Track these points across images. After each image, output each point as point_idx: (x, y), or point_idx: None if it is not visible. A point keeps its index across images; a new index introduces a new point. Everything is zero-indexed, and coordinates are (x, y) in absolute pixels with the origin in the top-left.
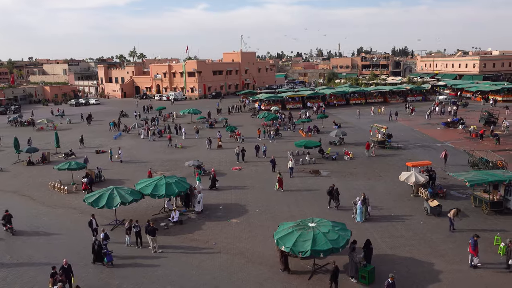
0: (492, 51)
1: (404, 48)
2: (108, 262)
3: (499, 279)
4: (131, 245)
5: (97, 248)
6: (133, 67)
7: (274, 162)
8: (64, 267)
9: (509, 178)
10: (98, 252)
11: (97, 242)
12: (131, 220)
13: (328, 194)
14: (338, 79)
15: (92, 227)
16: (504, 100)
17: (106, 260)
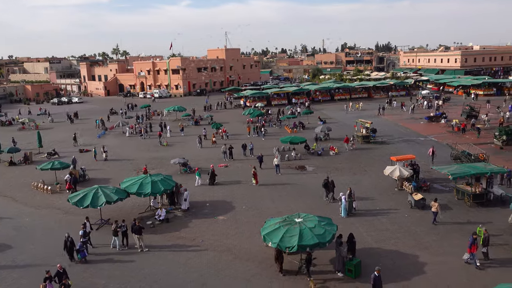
0: (473, 46)
1: (387, 44)
2: (82, 259)
3: (481, 270)
4: (119, 249)
5: (69, 244)
6: (117, 64)
7: (262, 159)
8: (59, 271)
9: (491, 171)
10: (70, 249)
11: (69, 239)
12: (116, 221)
13: (324, 186)
14: (323, 75)
15: (86, 230)
16: (485, 94)
17: (80, 256)
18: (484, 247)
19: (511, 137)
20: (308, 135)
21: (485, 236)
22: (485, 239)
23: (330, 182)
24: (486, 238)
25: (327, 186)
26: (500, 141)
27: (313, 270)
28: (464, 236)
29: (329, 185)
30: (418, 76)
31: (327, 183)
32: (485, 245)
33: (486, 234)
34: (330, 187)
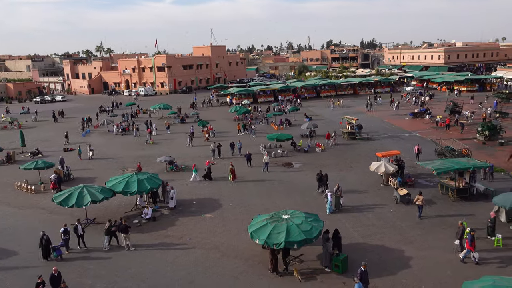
0: (456, 43)
1: (372, 41)
2: (57, 257)
3: (465, 263)
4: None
5: (44, 242)
6: (101, 62)
7: (250, 157)
8: (54, 275)
9: (474, 166)
10: (45, 247)
11: (44, 237)
12: (109, 220)
13: (318, 181)
14: (309, 72)
15: (78, 233)
16: (468, 90)
17: (55, 254)
18: (458, 239)
19: (493, 132)
20: (295, 132)
21: (460, 229)
22: (459, 232)
23: (324, 176)
24: (461, 232)
25: (321, 179)
26: (483, 136)
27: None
28: (448, 230)
29: (323, 178)
30: (403, 73)
31: (321, 177)
32: (459, 238)
33: (462, 228)
34: (324, 181)
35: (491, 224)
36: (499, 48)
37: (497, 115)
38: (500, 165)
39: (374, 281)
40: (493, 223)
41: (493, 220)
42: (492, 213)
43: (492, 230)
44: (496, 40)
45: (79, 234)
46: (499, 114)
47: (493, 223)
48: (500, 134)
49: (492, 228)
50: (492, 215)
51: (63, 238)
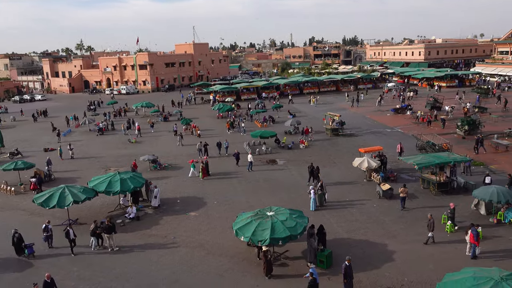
0: (436, 39)
1: (354, 38)
2: (29, 254)
3: (447, 255)
4: (95, 249)
5: (16, 240)
6: (81, 60)
7: (238, 157)
8: (47, 281)
9: (454, 160)
10: (17, 245)
11: (16, 235)
12: (95, 221)
13: (310, 173)
14: (292, 69)
15: (70, 237)
16: (448, 86)
17: (27, 252)
18: (430, 231)
19: (472, 127)
20: (278, 129)
21: (431, 222)
22: (430, 224)
23: (316, 169)
24: (432, 224)
25: (312, 172)
26: (462, 131)
27: (286, 263)
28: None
29: (314, 171)
30: (384, 69)
31: (312, 169)
32: (431, 230)
33: (432, 220)
34: (315, 173)
35: (451, 214)
36: (478, 44)
37: (476, 110)
38: (480, 159)
39: (359, 275)
40: (452, 213)
41: (453, 210)
42: (452, 204)
43: (452, 220)
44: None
45: (71, 239)
46: (478, 109)
47: (453, 213)
48: (479, 128)
49: (452, 218)
50: (452, 206)
51: (45, 235)
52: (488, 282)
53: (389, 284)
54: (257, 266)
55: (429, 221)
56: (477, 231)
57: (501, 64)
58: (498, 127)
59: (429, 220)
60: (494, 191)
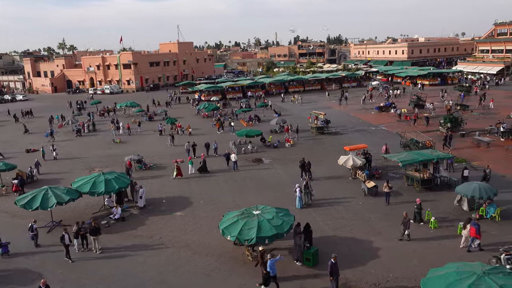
0: (419, 38)
1: (338, 36)
2: (3, 254)
3: (431, 251)
4: (79, 251)
5: None
6: (63, 60)
7: (228, 157)
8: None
9: (437, 157)
10: None
11: None
12: (77, 223)
13: (301, 167)
14: (277, 68)
15: (65, 241)
16: (431, 84)
17: (1, 251)
18: (406, 229)
19: (455, 124)
20: (264, 128)
21: (406, 220)
22: (406, 223)
23: (307, 163)
24: (407, 222)
25: (303, 166)
26: (445, 128)
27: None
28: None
29: (306, 166)
30: (368, 68)
31: (303, 164)
32: (407, 228)
33: (407, 218)
34: (306, 168)
35: (417, 210)
36: (459, 43)
37: (458, 108)
38: (462, 155)
39: (345, 272)
40: (419, 209)
41: (419, 206)
42: (418, 199)
43: (419, 216)
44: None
45: (66, 244)
46: (460, 106)
47: (419, 209)
48: (461, 126)
49: (419, 213)
50: (418, 201)
51: (31, 234)
52: (471, 277)
53: (374, 280)
54: (244, 264)
55: (404, 219)
56: (478, 224)
57: (482, 63)
58: (479, 124)
59: (404, 218)
60: (476, 187)
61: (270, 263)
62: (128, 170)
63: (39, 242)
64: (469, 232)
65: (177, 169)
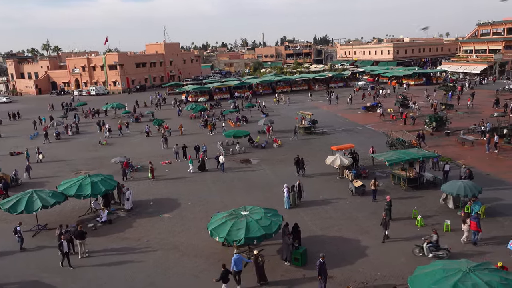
0: (404, 38)
1: (324, 37)
2: None
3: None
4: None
5: None
6: (48, 61)
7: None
8: None
9: (423, 156)
10: None
11: None
12: (60, 226)
13: (295, 164)
14: (264, 69)
15: (63, 250)
16: (416, 84)
17: None
18: (386, 230)
19: (440, 124)
20: (252, 128)
21: (386, 221)
22: (385, 223)
23: (300, 160)
24: (387, 222)
25: (298, 163)
26: (430, 127)
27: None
28: (400, 219)
29: (300, 162)
30: (355, 68)
31: (298, 160)
32: (386, 228)
33: (386, 219)
34: (300, 164)
35: (387, 207)
36: (444, 43)
37: (443, 107)
38: (447, 154)
39: (333, 271)
40: (389, 205)
41: (389, 203)
42: (388, 197)
43: (389, 213)
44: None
45: (64, 252)
46: (445, 106)
47: (389, 205)
48: (446, 125)
49: (389, 210)
50: (388, 199)
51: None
52: (457, 274)
53: (362, 279)
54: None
55: (383, 220)
56: (478, 218)
57: (466, 62)
58: (464, 123)
59: (383, 219)
60: (461, 185)
61: (235, 258)
62: (125, 171)
63: (24, 245)
64: (470, 226)
65: (151, 171)
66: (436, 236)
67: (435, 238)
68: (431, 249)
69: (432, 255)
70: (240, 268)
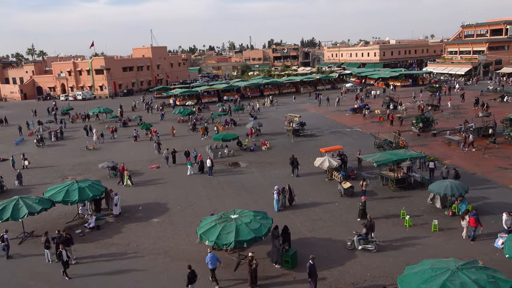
0: (390, 40)
1: (312, 39)
2: None
3: (406, 249)
4: (52, 261)
5: None
6: (33, 66)
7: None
8: None
9: (410, 156)
10: None
11: None
12: (46, 233)
13: (291, 164)
14: (252, 71)
15: (63, 258)
16: (402, 85)
17: None
18: (371, 232)
19: (426, 124)
20: (240, 131)
21: (371, 223)
22: (371, 226)
23: (295, 160)
24: (372, 225)
25: (293, 163)
26: (417, 128)
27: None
28: (389, 219)
29: (294, 162)
30: (342, 70)
31: (293, 161)
32: (372, 231)
33: (372, 222)
34: (295, 164)
35: (362, 207)
36: (429, 45)
37: (429, 108)
38: (434, 154)
39: (323, 273)
40: (364, 206)
41: (364, 203)
42: (363, 197)
43: (363, 213)
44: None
45: (64, 261)
46: (431, 107)
47: (364, 206)
48: (432, 125)
49: (363, 211)
50: (363, 199)
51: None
52: (445, 273)
53: (353, 280)
54: (223, 269)
55: (368, 222)
56: (477, 214)
57: (450, 64)
58: (450, 123)
59: (369, 221)
60: (448, 185)
61: (209, 257)
62: (122, 176)
63: (10, 253)
64: (469, 222)
65: (128, 178)
66: (365, 229)
67: (364, 231)
68: (360, 242)
69: (361, 247)
70: (214, 266)
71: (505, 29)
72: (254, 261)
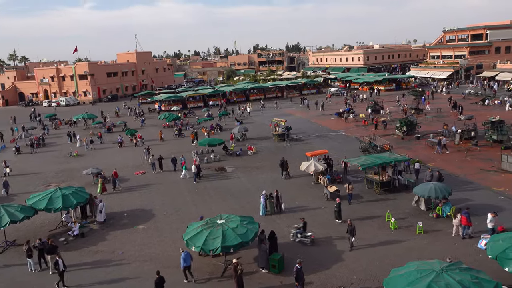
0: (374, 45)
1: (296, 44)
2: None
3: (391, 251)
4: (35, 270)
5: None
6: (15, 71)
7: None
8: None
9: (395, 159)
10: None
11: None
12: (28, 242)
13: (280, 166)
14: (237, 76)
15: (60, 269)
16: (386, 90)
17: None
18: (352, 236)
19: (410, 128)
20: (226, 136)
21: (352, 228)
22: (352, 230)
23: (285, 162)
24: (353, 229)
25: (283, 165)
26: (401, 131)
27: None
28: (374, 222)
29: (284, 164)
30: (327, 75)
31: (283, 163)
32: (353, 235)
33: (352, 226)
34: (284, 166)
35: (337, 209)
36: (412, 49)
37: (413, 112)
38: (418, 157)
39: (310, 277)
40: (338, 207)
41: (338, 205)
42: (338, 199)
43: (338, 214)
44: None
45: (61, 270)
46: (414, 110)
47: (339, 207)
48: (416, 129)
49: (338, 212)
50: (338, 201)
51: None
52: (430, 274)
53: (339, 283)
54: (210, 274)
55: (349, 227)
56: (468, 213)
57: (433, 68)
58: (433, 127)
59: (349, 226)
60: (432, 187)
61: (183, 255)
62: (115, 181)
63: None
64: (460, 221)
65: (102, 185)
66: (302, 223)
67: (301, 225)
68: (297, 235)
69: (298, 240)
70: (188, 263)
71: (485, 34)
72: (239, 267)
